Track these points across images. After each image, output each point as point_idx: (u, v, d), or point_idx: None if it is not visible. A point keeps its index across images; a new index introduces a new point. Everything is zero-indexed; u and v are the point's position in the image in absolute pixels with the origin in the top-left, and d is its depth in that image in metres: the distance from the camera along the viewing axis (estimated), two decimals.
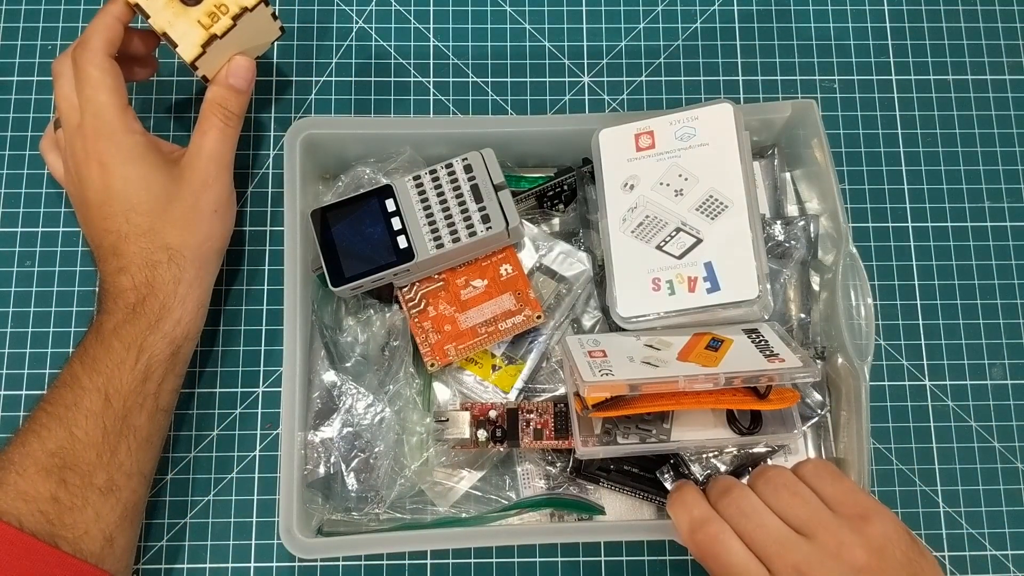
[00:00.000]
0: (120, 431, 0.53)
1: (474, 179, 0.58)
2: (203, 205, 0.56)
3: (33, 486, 0.51)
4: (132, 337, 0.54)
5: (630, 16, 0.70)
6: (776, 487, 0.48)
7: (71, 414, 0.52)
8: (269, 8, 0.58)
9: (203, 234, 0.56)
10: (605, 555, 0.60)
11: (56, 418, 0.52)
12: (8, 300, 0.63)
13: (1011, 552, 0.61)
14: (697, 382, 0.52)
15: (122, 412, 0.53)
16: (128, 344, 0.54)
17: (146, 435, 0.55)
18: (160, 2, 0.56)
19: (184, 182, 0.56)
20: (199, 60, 0.56)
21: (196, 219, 0.56)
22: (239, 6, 0.56)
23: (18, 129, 0.66)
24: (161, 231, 0.55)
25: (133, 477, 0.54)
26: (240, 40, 0.58)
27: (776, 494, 0.48)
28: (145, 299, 0.54)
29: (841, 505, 0.47)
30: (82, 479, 0.52)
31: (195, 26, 0.56)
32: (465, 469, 0.58)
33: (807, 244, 0.60)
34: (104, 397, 0.53)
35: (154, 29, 0.56)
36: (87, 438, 0.52)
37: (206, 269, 0.57)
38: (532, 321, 0.58)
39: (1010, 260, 0.66)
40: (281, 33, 0.61)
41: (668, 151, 0.57)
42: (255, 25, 0.58)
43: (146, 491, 0.56)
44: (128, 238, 0.55)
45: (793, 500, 0.47)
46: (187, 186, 0.56)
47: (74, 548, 0.50)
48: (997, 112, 0.69)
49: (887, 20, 0.70)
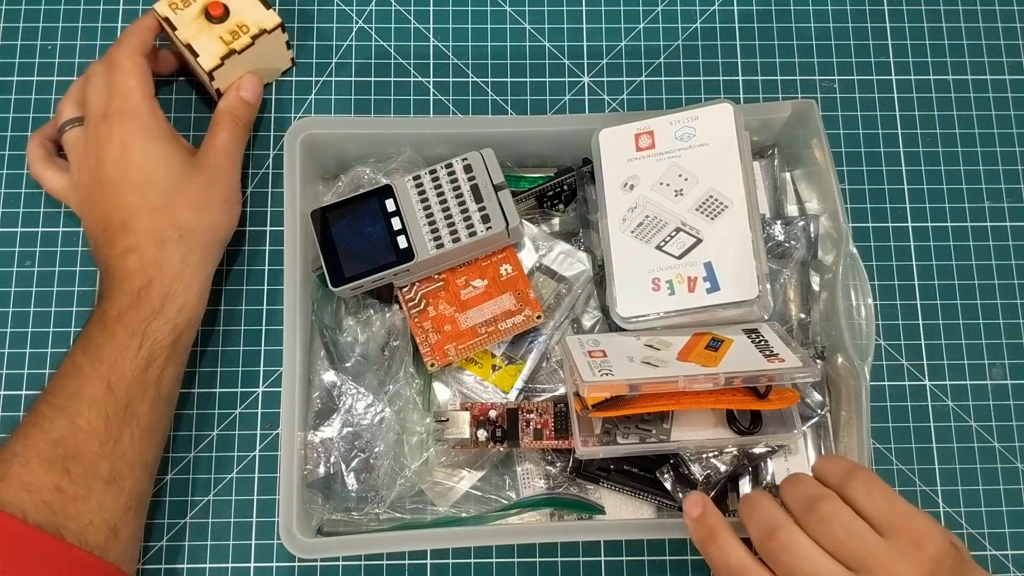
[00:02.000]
0: (123, 419, 0.53)
1: (474, 179, 0.58)
2: (214, 192, 0.59)
3: (37, 477, 0.51)
4: (136, 323, 0.55)
5: (630, 16, 0.70)
6: (832, 527, 0.45)
7: (73, 403, 0.53)
8: (285, 35, 0.64)
9: (212, 219, 0.59)
10: (605, 555, 0.60)
11: (58, 408, 0.53)
12: (8, 300, 0.63)
13: (1011, 552, 0.61)
14: (697, 382, 0.52)
15: (124, 400, 0.54)
16: (132, 331, 0.54)
17: (148, 423, 0.55)
18: (188, 17, 0.62)
19: (199, 168, 0.59)
20: (216, 71, 0.62)
21: (208, 203, 0.58)
22: (259, 27, 0.62)
23: (18, 129, 0.66)
24: (174, 209, 0.57)
25: (136, 466, 0.54)
26: (255, 59, 0.63)
27: (832, 535, 0.45)
28: (152, 282, 0.55)
29: (893, 530, 0.45)
30: (85, 469, 0.52)
31: (217, 41, 0.62)
32: (465, 469, 0.58)
33: (807, 244, 0.60)
34: (107, 385, 0.53)
35: (179, 40, 0.61)
36: (90, 427, 0.52)
37: (211, 255, 0.59)
38: (532, 321, 0.58)
39: (1010, 260, 0.66)
40: (292, 64, 0.67)
41: (668, 151, 0.57)
42: (270, 48, 0.64)
43: (150, 482, 0.56)
44: (140, 213, 0.56)
45: (851, 541, 0.45)
46: (201, 172, 0.59)
47: (79, 539, 0.50)
48: (997, 112, 0.69)
49: (887, 20, 0.70)
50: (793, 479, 0.49)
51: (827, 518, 0.45)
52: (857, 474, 0.47)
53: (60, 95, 0.66)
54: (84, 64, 0.67)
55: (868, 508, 0.46)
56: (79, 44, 0.68)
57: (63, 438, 0.52)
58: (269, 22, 0.62)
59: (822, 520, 0.45)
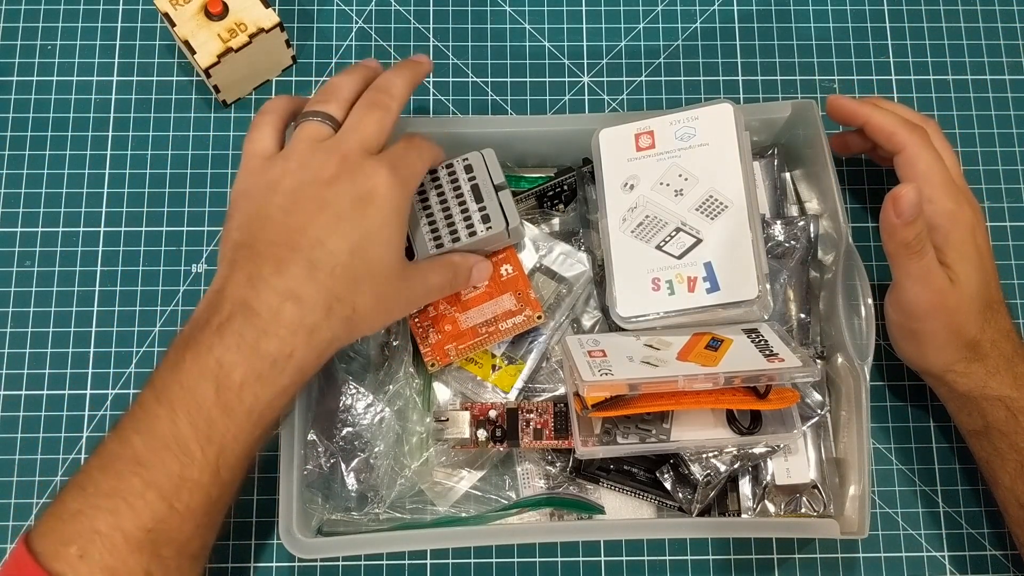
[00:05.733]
0: (226, 500, 0.48)
1: (474, 179, 0.58)
2: (396, 306, 0.53)
3: (123, 563, 0.44)
4: (259, 402, 0.46)
5: (630, 16, 0.70)
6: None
7: (175, 486, 0.45)
8: (284, 34, 0.63)
9: (370, 324, 0.51)
10: (605, 555, 0.60)
11: (154, 487, 0.44)
12: (8, 300, 0.63)
13: (1011, 552, 0.61)
14: (697, 382, 0.52)
15: (230, 479, 0.47)
16: (250, 408, 0.46)
17: (239, 488, 0.49)
18: (187, 14, 0.61)
19: (409, 275, 0.52)
20: (213, 68, 0.61)
21: (384, 310, 0.51)
22: (257, 26, 0.62)
23: (18, 129, 0.66)
24: (367, 287, 0.49)
25: (219, 531, 0.49)
26: (253, 59, 0.63)
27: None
28: (293, 354, 0.47)
29: None
30: (177, 550, 0.46)
31: (215, 38, 0.61)
32: (465, 469, 0.58)
33: (807, 244, 0.60)
34: (214, 471, 0.45)
35: (177, 36, 0.61)
36: (188, 511, 0.45)
37: (333, 350, 0.51)
38: (532, 321, 0.58)
39: (1010, 260, 0.66)
40: (293, 62, 0.67)
41: (668, 151, 0.57)
42: (269, 47, 0.63)
43: None
44: (336, 265, 0.48)
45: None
46: (407, 281, 0.52)
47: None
48: (997, 112, 0.69)
49: (887, 20, 0.70)
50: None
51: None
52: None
53: (60, 95, 0.67)
54: (84, 64, 0.67)
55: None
56: (79, 44, 0.68)
57: (158, 523, 0.44)
58: (267, 21, 0.62)
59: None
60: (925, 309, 0.55)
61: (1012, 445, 0.55)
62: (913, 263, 0.53)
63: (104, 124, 0.66)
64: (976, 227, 0.56)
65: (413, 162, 0.52)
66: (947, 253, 0.55)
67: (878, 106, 0.58)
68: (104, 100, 0.67)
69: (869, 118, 0.57)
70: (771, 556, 0.60)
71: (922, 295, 0.54)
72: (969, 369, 0.55)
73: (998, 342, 0.55)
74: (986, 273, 0.56)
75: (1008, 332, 0.56)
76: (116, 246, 0.64)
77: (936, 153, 0.56)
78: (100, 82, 0.67)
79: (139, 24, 0.68)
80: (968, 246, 0.55)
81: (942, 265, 0.54)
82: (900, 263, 0.54)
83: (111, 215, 0.65)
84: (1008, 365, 0.55)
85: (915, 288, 0.54)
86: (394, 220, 0.49)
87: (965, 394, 0.56)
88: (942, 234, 0.55)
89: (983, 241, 0.56)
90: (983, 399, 0.55)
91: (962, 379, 0.56)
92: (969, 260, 0.55)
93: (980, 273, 0.55)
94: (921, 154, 0.55)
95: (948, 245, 0.55)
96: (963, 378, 0.56)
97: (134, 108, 0.67)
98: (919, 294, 0.54)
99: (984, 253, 0.56)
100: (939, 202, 0.55)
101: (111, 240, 0.65)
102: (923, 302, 0.54)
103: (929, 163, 0.55)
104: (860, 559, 0.61)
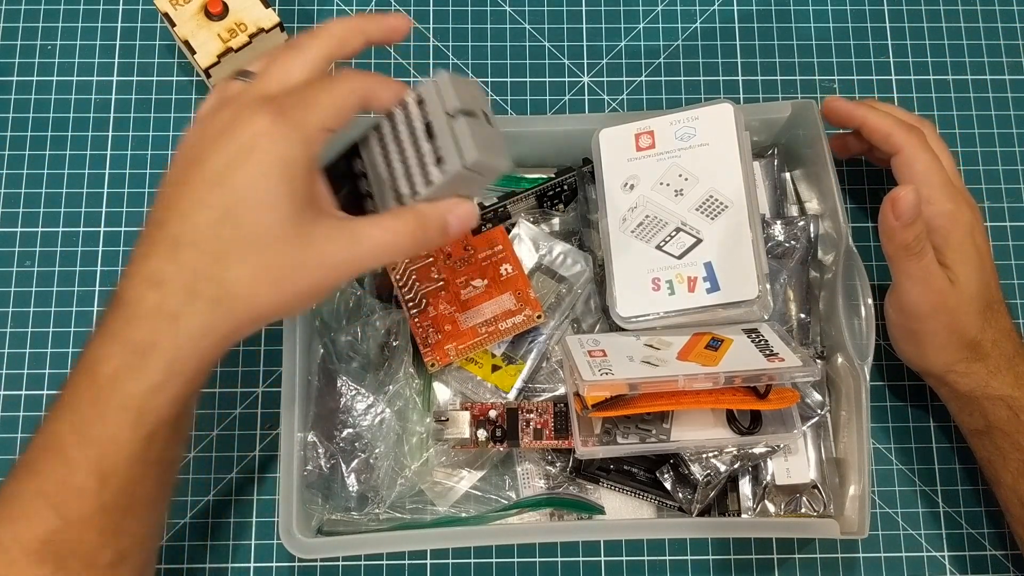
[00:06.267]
0: (125, 507, 0.44)
1: (427, 114, 0.45)
2: (306, 275, 0.43)
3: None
4: (132, 399, 0.42)
5: (630, 16, 0.70)
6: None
7: (61, 494, 0.42)
8: (284, 34, 0.63)
9: (276, 300, 0.43)
10: (605, 555, 0.60)
11: (42, 496, 0.42)
12: (8, 300, 0.63)
13: (1011, 552, 0.61)
14: (697, 381, 0.52)
15: (122, 485, 0.43)
16: (126, 405, 0.42)
17: (153, 498, 0.45)
18: (187, 13, 0.62)
19: (316, 233, 0.43)
20: (213, 68, 0.61)
21: (288, 279, 0.43)
22: (257, 26, 0.62)
23: (18, 129, 0.66)
24: (241, 259, 0.42)
25: (145, 539, 0.46)
26: (253, 59, 0.60)
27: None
28: (156, 345, 0.42)
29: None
30: (85, 562, 0.43)
31: (214, 39, 0.61)
32: (465, 469, 0.58)
33: (807, 244, 0.60)
34: (99, 476, 0.42)
35: (178, 36, 0.61)
36: (82, 519, 0.42)
37: (241, 334, 0.46)
38: (532, 321, 0.58)
39: (1010, 260, 0.66)
40: None
41: (668, 151, 0.57)
42: (269, 47, 0.63)
43: (160, 537, 0.49)
44: (198, 238, 0.42)
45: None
46: (315, 241, 0.43)
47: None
48: (997, 112, 0.69)
49: (887, 20, 0.70)
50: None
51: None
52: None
53: (60, 95, 0.67)
54: (84, 64, 0.67)
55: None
56: (79, 44, 0.68)
57: (52, 533, 0.42)
58: (267, 21, 0.62)
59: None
60: (925, 310, 0.55)
61: (1014, 444, 0.55)
62: (913, 264, 0.53)
63: (104, 124, 0.67)
64: (975, 227, 0.56)
65: (315, 100, 0.42)
66: (946, 254, 0.55)
67: (874, 107, 0.58)
68: (104, 100, 0.67)
69: (865, 120, 0.57)
70: (771, 556, 0.60)
71: (922, 296, 0.54)
72: (970, 369, 0.55)
73: (999, 342, 0.55)
74: (986, 273, 0.56)
75: (1009, 331, 0.56)
76: (116, 246, 0.64)
77: (933, 154, 0.56)
78: (100, 82, 0.67)
79: (139, 24, 0.68)
80: (967, 246, 0.55)
81: (942, 266, 0.54)
82: (900, 265, 0.54)
83: (111, 215, 0.65)
84: (1009, 364, 0.55)
85: (915, 289, 0.54)
86: (276, 172, 0.41)
87: (966, 394, 0.56)
88: (941, 235, 0.55)
89: (982, 241, 0.56)
90: (985, 399, 0.55)
91: (963, 379, 0.56)
92: (969, 260, 0.55)
93: (980, 273, 0.55)
94: (918, 155, 0.56)
95: (947, 246, 0.55)
96: (964, 378, 0.56)
97: (134, 108, 0.67)
98: (919, 295, 0.54)
99: (983, 253, 0.56)
100: (938, 203, 0.55)
101: (111, 240, 0.65)
102: (923, 303, 0.54)
103: (927, 164, 0.55)
104: (860, 559, 0.61)
